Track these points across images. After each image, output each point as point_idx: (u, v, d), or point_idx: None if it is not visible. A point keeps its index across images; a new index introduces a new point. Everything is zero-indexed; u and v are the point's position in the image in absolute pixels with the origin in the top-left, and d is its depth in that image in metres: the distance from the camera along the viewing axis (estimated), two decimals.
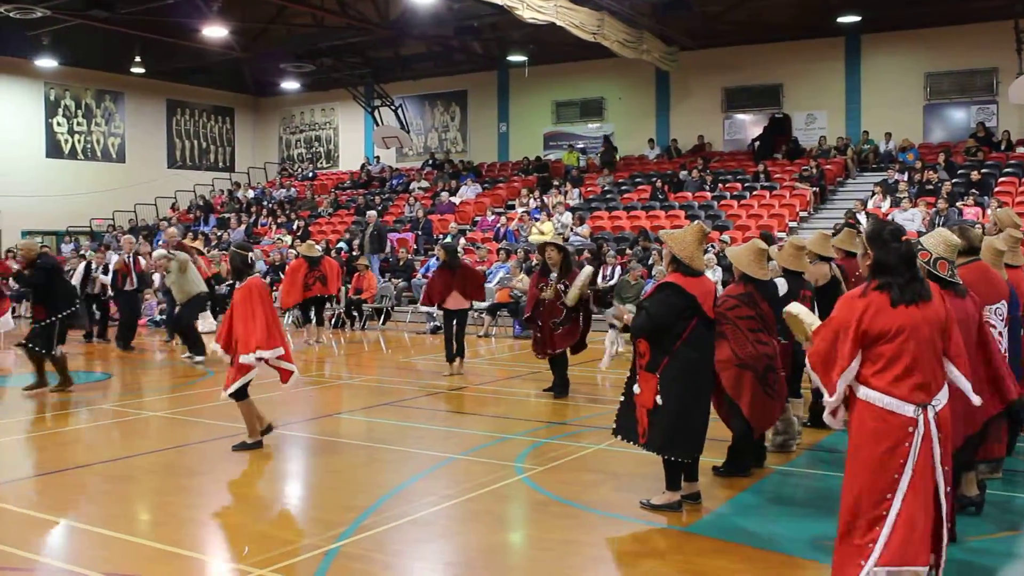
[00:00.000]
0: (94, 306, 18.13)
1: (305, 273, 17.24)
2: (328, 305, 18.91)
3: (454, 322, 12.98)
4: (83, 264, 18.32)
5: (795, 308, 5.23)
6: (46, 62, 30.36)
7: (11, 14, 24.20)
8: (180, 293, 14.80)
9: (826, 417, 4.64)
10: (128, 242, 17.92)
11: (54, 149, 32.85)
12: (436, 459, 8.10)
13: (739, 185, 24.27)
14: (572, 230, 22.73)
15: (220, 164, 38.15)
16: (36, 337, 11.48)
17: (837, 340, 4.42)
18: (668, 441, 6.29)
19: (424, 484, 7.34)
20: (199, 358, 14.37)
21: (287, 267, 18.88)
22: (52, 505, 7.03)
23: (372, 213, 25.01)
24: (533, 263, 16.85)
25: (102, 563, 5.53)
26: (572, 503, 6.68)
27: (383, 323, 20.82)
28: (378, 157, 34.24)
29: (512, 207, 26.37)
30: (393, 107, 31.76)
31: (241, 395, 8.24)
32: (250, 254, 8.68)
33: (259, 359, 8.12)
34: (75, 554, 5.86)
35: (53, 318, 11.48)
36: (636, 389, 6.39)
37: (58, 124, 33.00)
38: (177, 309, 15.17)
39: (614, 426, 6.68)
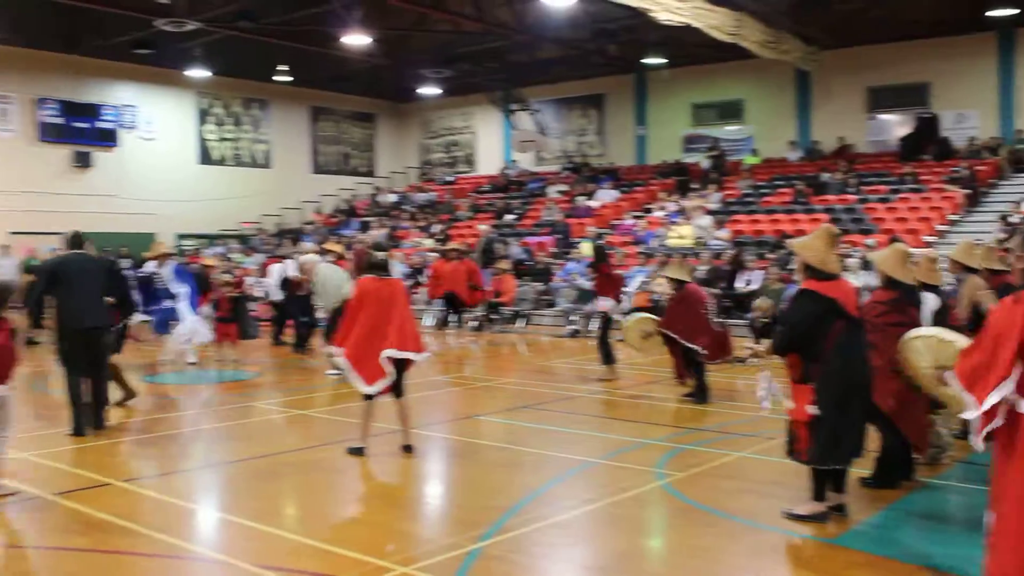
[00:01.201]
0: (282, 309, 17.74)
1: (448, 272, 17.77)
2: (467, 309, 19.12)
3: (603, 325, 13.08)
4: (279, 265, 18.20)
5: (935, 331, 4.96)
6: (198, 73, 31.58)
7: (166, 27, 25.29)
8: (326, 300, 14.57)
9: (972, 439, 4.24)
10: (308, 249, 17.75)
11: (205, 156, 34.18)
12: (575, 463, 8.10)
13: (884, 187, 23.54)
14: (711, 234, 22.44)
15: (362, 169, 39.00)
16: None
17: (995, 348, 4.03)
18: (826, 451, 6.10)
19: (564, 487, 7.35)
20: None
21: (432, 267, 19.03)
22: (205, 498, 7.32)
23: (485, 228, 25.17)
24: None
25: (251, 555, 5.70)
26: (713, 510, 6.58)
27: (522, 326, 20.93)
28: (516, 161, 34.46)
29: (650, 210, 26.20)
30: (530, 111, 31.92)
31: (367, 396, 8.35)
32: (378, 255, 8.63)
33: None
34: (225, 545, 6.06)
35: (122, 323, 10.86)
36: (789, 404, 6.24)
37: (209, 132, 34.32)
38: (319, 316, 15.14)
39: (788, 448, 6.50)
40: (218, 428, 10.36)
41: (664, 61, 27.93)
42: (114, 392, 10.37)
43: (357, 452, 8.30)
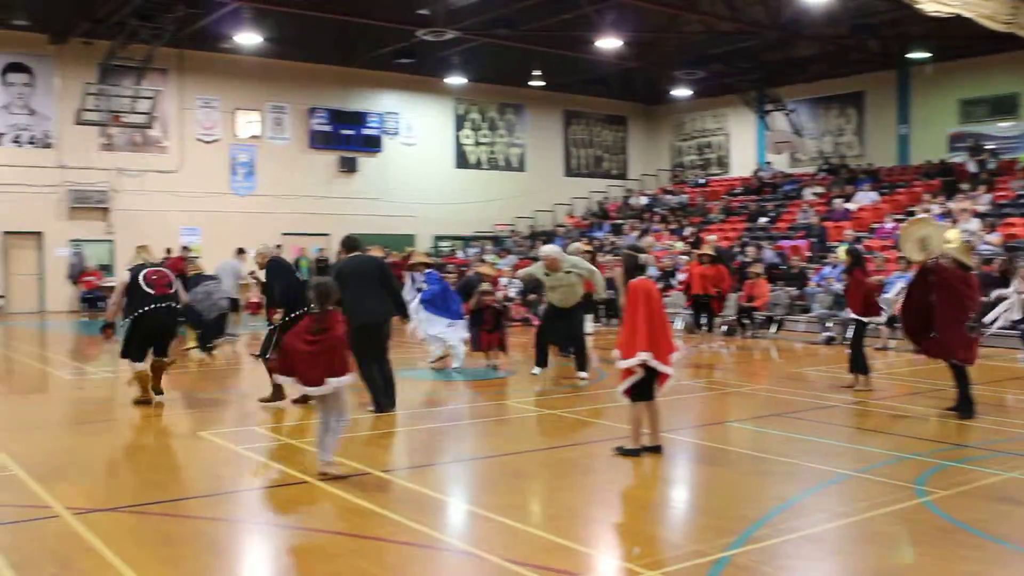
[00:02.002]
0: None
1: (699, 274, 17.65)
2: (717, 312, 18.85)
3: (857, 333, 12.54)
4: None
5: None
6: (455, 79, 32.72)
7: (426, 37, 26.34)
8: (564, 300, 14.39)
9: None
10: (577, 250, 16.95)
11: (462, 160, 35.36)
12: (828, 474, 7.83)
13: None
14: (980, 238, 21.12)
15: (613, 171, 39.23)
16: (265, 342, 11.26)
17: None
18: None
19: (816, 499, 7.12)
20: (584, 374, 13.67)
21: (684, 269, 18.85)
22: (458, 491, 7.56)
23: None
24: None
25: (500, 549, 5.82)
26: (981, 533, 6.18)
27: (774, 331, 20.43)
28: (770, 163, 33.69)
29: (913, 213, 24.93)
30: (785, 111, 31.15)
31: (636, 397, 8.34)
32: (641, 256, 8.69)
33: (641, 363, 8.21)
34: (475, 538, 6.22)
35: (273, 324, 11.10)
36: None
37: (465, 137, 35.47)
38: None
39: None
40: (472, 424, 10.70)
41: (929, 55, 26.54)
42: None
43: (631, 454, 8.32)
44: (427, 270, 14.79)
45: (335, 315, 7.58)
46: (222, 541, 6.21)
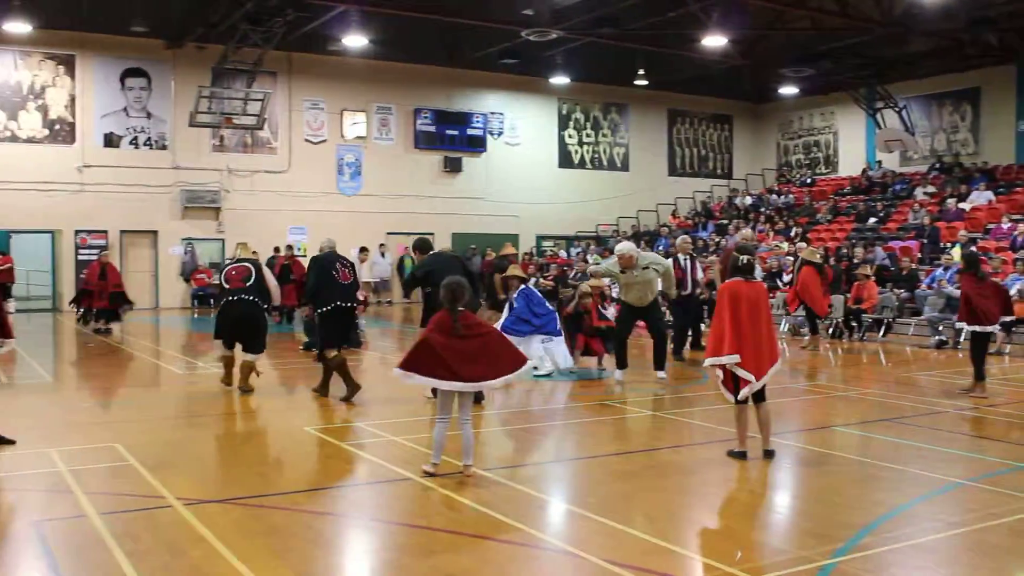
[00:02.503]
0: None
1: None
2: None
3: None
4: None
5: None
6: (559, 79, 32.75)
7: (530, 37, 26.42)
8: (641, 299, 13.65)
9: None
10: (684, 244, 16.60)
11: (565, 159, 35.36)
12: (940, 482, 7.61)
13: None
14: None
15: (718, 171, 38.81)
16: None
17: None
18: None
19: (926, 508, 6.92)
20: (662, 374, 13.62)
21: (799, 275, 18.38)
22: (558, 490, 7.56)
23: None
24: None
25: (601, 550, 5.79)
26: None
27: (883, 335, 19.95)
28: (880, 161, 32.91)
29: None
30: (896, 108, 30.39)
31: (739, 400, 8.23)
32: (743, 257, 8.48)
33: (721, 365, 8.12)
34: (575, 538, 6.20)
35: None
36: None
37: (569, 136, 35.47)
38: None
39: None
40: (573, 425, 10.69)
41: None
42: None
43: (736, 456, 8.26)
44: (521, 286, 13.74)
45: (470, 315, 7.66)
46: (327, 534, 6.32)
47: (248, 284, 11.89)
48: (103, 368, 15.99)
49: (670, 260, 14.64)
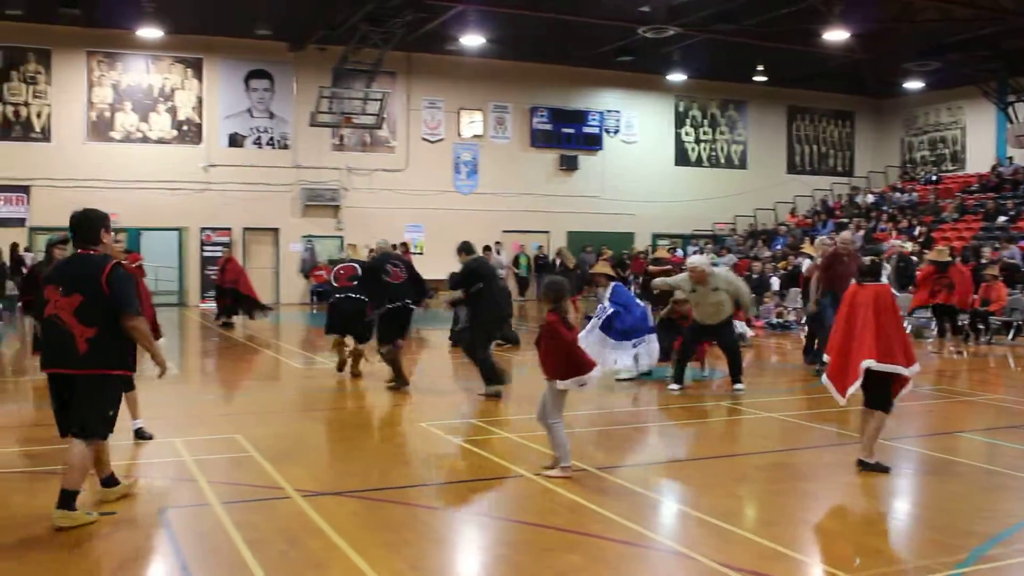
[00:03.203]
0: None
1: (934, 279, 17.06)
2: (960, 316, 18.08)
3: None
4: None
5: None
6: (676, 76, 32.45)
7: (647, 34, 26.23)
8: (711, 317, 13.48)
9: None
10: (844, 242, 14.69)
11: (682, 157, 35.04)
12: None
13: None
14: None
15: (839, 168, 37.95)
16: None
17: None
18: None
19: None
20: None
21: (917, 273, 18.04)
22: (671, 491, 7.50)
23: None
24: None
25: (715, 553, 5.74)
26: None
27: (1012, 338, 19.22)
28: (1011, 158, 31.70)
29: None
30: None
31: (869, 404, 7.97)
32: (867, 258, 8.27)
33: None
34: (689, 540, 6.14)
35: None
36: None
37: (686, 134, 35.13)
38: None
39: None
40: (685, 426, 10.60)
41: None
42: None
43: (877, 469, 7.79)
44: (613, 283, 13.31)
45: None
46: (441, 529, 6.40)
47: (354, 283, 12.82)
48: (226, 362, 16.48)
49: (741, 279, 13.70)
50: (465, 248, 12.13)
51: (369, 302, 12.42)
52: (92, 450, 6.38)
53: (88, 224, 6.49)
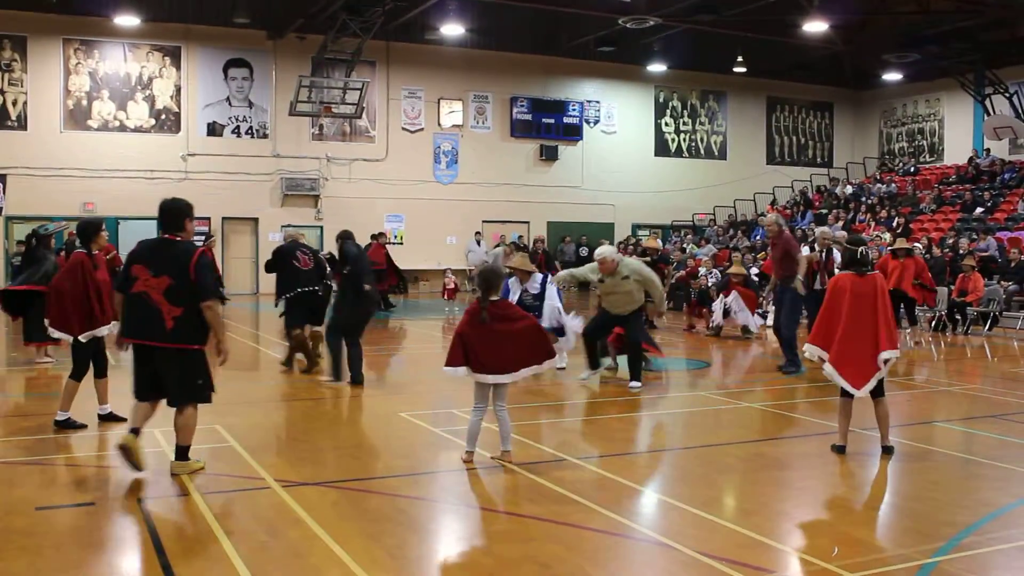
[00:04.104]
0: None
1: (889, 268, 17.17)
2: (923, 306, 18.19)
3: None
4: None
5: None
6: (656, 67, 32.50)
7: (628, 25, 26.24)
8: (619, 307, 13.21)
9: None
10: (824, 236, 14.56)
11: (662, 148, 35.08)
12: None
13: None
14: None
15: (818, 159, 38.10)
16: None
17: None
18: None
19: None
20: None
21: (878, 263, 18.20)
22: (652, 481, 7.52)
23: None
24: None
25: (693, 541, 5.77)
26: None
27: (989, 328, 19.36)
28: (988, 149, 31.90)
29: None
30: (1007, 94, 29.42)
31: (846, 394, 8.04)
32: (860, 248, 8.19)
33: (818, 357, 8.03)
34: (669, 529, 6.16)
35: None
36: None
37: (666, 124, 35.17)
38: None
39: None
40: (666, 415, 10.62)
41: None
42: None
43: (838, 451, 8.11)
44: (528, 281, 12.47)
45: (505, 304, 7.70)
46: (420, 519, 6.39)
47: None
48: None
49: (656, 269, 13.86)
50: (345, 235, 12.32)
51: (277, 287, 13.03)
52: (196, 411, 7.20)
53: (176, 212, 7.23)
